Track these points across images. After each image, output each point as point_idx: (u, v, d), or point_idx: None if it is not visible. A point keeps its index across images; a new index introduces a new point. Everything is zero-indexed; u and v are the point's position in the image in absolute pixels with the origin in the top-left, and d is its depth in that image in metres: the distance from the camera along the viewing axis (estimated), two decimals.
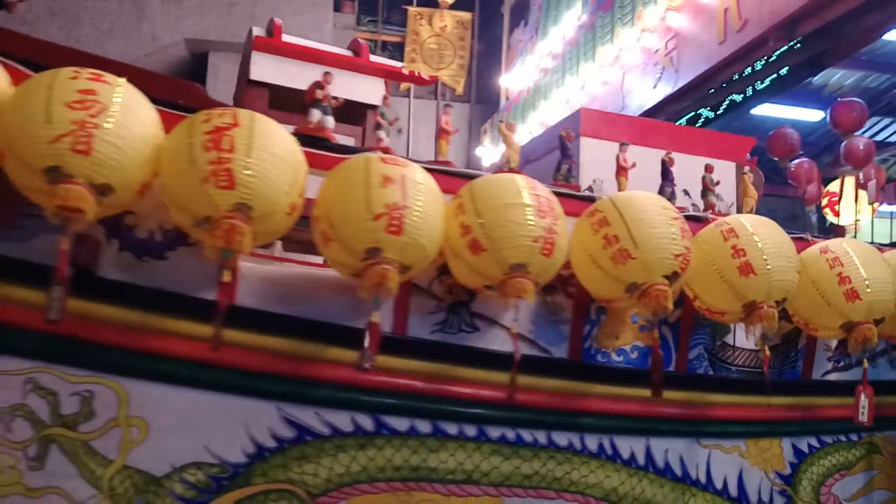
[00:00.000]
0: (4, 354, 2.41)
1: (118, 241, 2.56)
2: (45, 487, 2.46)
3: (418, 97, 14.30)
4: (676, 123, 7.45)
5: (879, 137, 9.04)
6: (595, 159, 3.94)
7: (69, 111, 2.13)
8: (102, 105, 2.18)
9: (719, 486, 3.45)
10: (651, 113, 7.38)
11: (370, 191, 2.39)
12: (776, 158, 6.48)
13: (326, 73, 3.08)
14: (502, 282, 2.60)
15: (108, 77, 2.29)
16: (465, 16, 13.48)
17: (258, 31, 3.69)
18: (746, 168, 4.12)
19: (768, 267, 2.92)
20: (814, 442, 3.73)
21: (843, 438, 3.82)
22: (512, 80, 12.28)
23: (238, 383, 2.64)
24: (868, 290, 3.17)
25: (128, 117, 2.24)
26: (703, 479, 3.41)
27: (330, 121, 2.98)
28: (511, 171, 3.15)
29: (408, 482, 2.87)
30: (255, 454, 2.67)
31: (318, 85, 2.98)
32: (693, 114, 7.50)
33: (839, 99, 6.35)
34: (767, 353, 3.27)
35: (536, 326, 3.11)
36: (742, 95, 7.09)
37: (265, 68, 3.62)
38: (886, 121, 9.20)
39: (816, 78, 7.54)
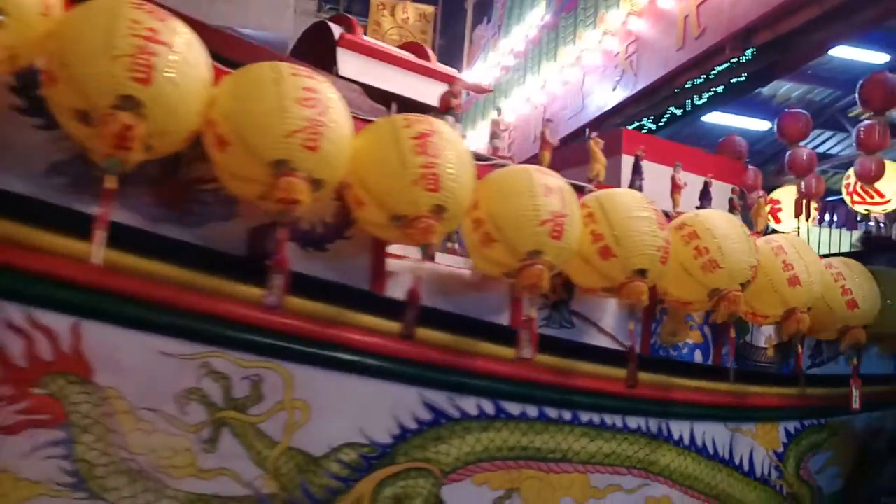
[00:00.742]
0: (181, 338, 2.43)
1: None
2: (217, 469, 2.51)
3: None
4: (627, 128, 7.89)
5: (821, 149, 9.78)
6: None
7: (300, 108, 2.24)
8: (325, 104, 2.31)
9: (737, 462, 3.97)
10: (609, 115, 7.74)
11: (536, 199, 2.67)
12: None
13: (455, 84, 3.27)
14: (622, 285, 2.95)
15: (319, 75, 2.41)
16: (428, 9, 13.50)
17: (337, 29, 3.76)
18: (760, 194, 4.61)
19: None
20: (798, 426, 4.32)
21: (815, 423, 4.43)
22: (473, 76, 12.46)
23: (387, 369, 2.80)
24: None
25: (342, 116, 2.39)
26: (726, 456, 3.91)
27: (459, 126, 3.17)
28: (599, 184, 3.54)
29: (518, 461, 3.16)
30: (398, 435, 2.85)
31: (451, 94, 3.17)
32: (637, 123, 7.88)
33: (786, 110, 6.93)
34: (801, 349, 3.84)
35: (616, 325, 3.47)
36: (682, 109, 7.57)
37: (350, 66, 3.67)
38: (828, 133, 9.92)
39: (765, 89, 8.07)
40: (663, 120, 7.89)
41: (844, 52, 7.28)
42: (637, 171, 3.91)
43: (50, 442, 2.30)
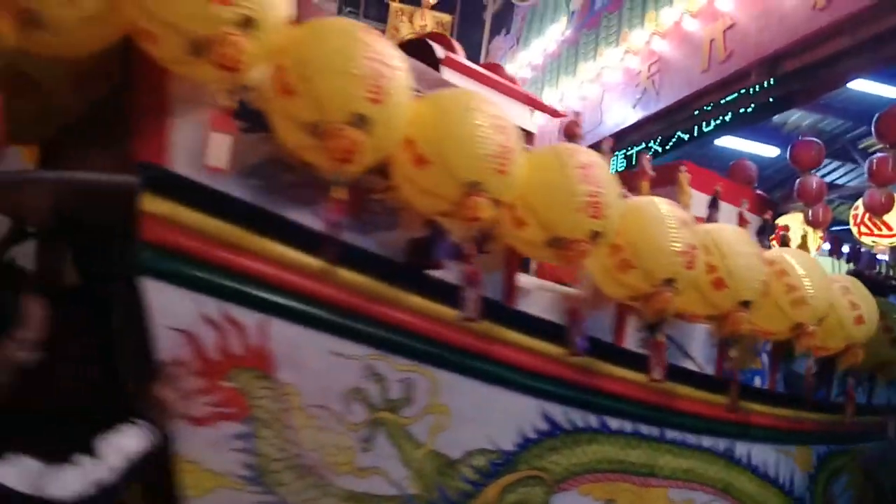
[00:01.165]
0: (350, 340, 2.52)
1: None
2: (371, 468, 2.62)
3: None
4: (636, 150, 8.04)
5: (828, 179, 10.10)
6: None
7: (495, 134, 2.39)
8: (510, 131, 2.47)
9: (781, 482, 4.26)
10: (628, 132, 7.91)
11: (672, 232, 2.90)
12: None
13: (578, 114, 3.40)
14: (727, 315, 3.20)
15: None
16: (446, 17, 13.55)
17: (439, 48, 3.85)
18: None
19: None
20: (825, 450, 4.63)
21: (839, 448, 4.75)
22: None
23: (515, 380, 2.96)
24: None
25: (518, 142, 2.53)
26: (773, 476, 4.20)
27: None
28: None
29: (616, 473, 3.37)
30: (521, 444, 3.01)
31: (575, 124, 3.30)
32: (643, 145, 8.03)
33: (800, 137, 7.16)
34: (811, 378, 4.00)
35: (701, 350, 3.74)
36: (689, 134, 7.75)
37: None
38: (836, 164, 10.23)
39: (776, 117, 8.29)
40: (670, 143, 8.10)
41: (857, 85, 7.57)
42: (714, 205, 4.06)
43: (234, 435, 2.35)
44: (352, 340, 2.53)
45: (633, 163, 8.05)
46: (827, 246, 8.52)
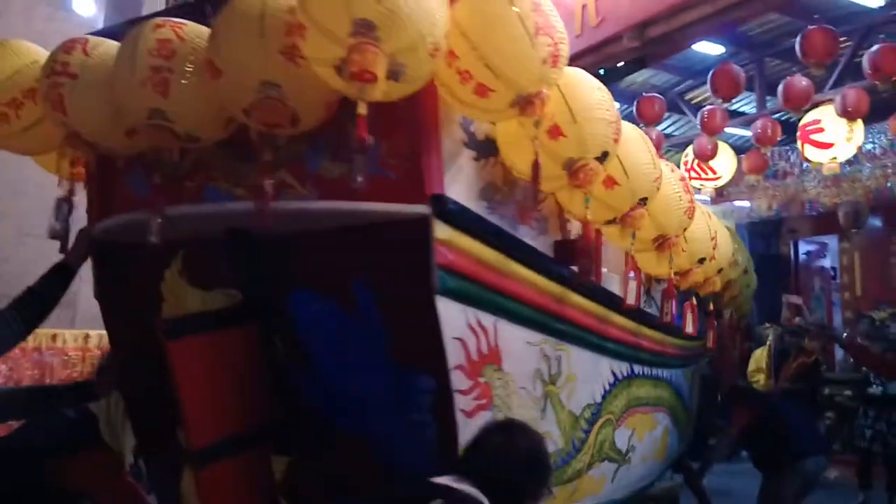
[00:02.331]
0: (533, 329, 3.05)
1: None
2: (545, 432, 3.05)
3: None
4: None
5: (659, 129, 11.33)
6: None
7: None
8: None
9: (683, 395, 5.39)
10: None
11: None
12: None
13: None
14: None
15: None
16: None
17: None
18: None
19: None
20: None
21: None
22: None
23: (602, 346, 3.69)
24: None
25: None
26: (682, 392, 5.29)
27: None
28: None
29: (635, 407, 4.24)
30: (603, 395, 3.77)
31: None
32: None
33: (643, 94, 8.16)
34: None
35: None
36: None
37: None
38: (666, 115, 11.53)
39: None
40: None
41: None
42: None
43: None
44: (535, 330, 3.03)
45: None
46: None
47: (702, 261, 3.77)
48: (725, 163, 9.33)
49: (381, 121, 1.96)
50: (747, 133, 9.81)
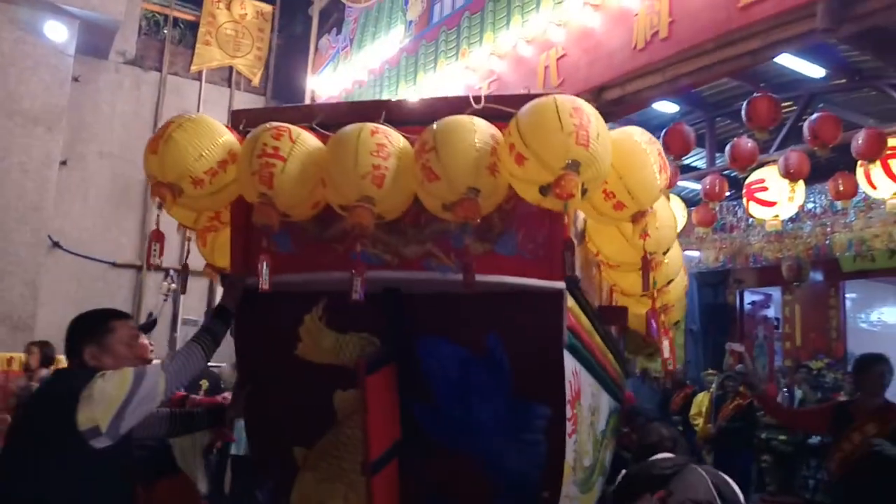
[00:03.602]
0: (589, 372, 3.64)
1: None
2: (586, 451, 3.65)
3: (210, 82, 13.23)
4: None
5: None
6: None
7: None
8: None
9: None
10: None
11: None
12: None
13: None
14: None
15: None
16: (266, 7, 12.96)
17: None
18: None
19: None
20: None
21: None
22: (321, 83, 12.19)
23: (610, 387, 4.34)
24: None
25: None
26: None
27: None
28: None
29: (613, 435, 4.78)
30: (605, 424, 4.32)
31: None
32: None
33: None
34: None
35: None
36: None
37: None
38: None
39: None
40: None
41: None
42: None
43: (573, 443, 3.21)
44: (591, 375, 3.55)
45: None
46: None
47: (669, 282, 3.88)
48: (676, 215, 9.70)
49: (522, 213, 2.73)
50: (698, 187, 10.23)
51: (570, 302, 2.92)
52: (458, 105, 2.77)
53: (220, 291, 12.05)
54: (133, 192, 13.26)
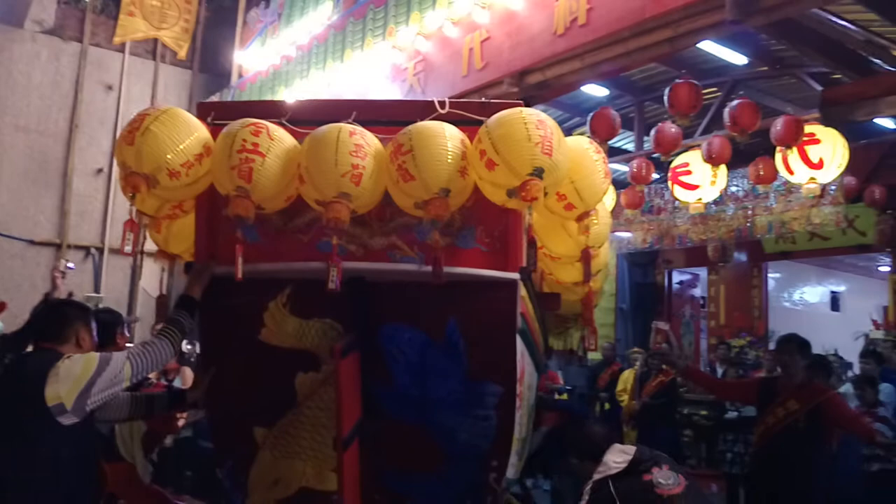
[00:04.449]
0: (529, 354, 3.75)
1: None
2: (523, 424, 3.76)
3: (134, 54, 12.71)
4: None
5: None
6: None
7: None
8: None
9: None
10: None
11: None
12: None
13: None
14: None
15: None
16: None
17: None
18: None
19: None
20: None
21: None
22: (248, 58, 11.83)
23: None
24: None
25: None
26: None
27: None
28: None
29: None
30: (533, 398, 4.51)
31: None
32: None
33: None
34: None
35: None
36: None
37: None
38: None
39: None
40: None
41: None
42: None
43: (519, 416, 3.51)
44: (530, 354, 3.73)
45: None
46: None
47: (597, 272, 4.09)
48: (606, 197, 9.85)
49: (481, 210, 2.97)
50: (626, 169, 10.39)
51: (522, 291, 3.15)
52: (424, 109, 3.01)
53: (146, 274, 11.76)
54: (51, 168, 12.82)
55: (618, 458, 3.27)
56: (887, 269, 13.21)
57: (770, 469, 5.27)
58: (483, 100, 3.12)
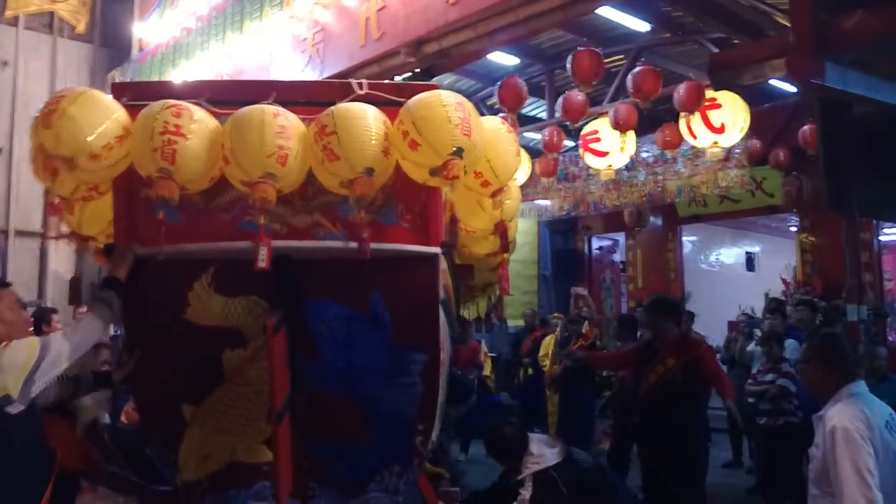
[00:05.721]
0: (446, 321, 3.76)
1: None
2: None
3: (30, 28, 12.03)
4: None
5: None
6: None
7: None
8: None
9: None
10: None
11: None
12: None
13: None
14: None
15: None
16: None
17: None
18: None
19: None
20: None
21: None
22: (148, 30, 11.34)
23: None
24: None
25: None
26: None
27: None
28: None
29: None
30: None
31: None
32: None
33: None
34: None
35: None
36: None
37: None
38: None
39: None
40: None
41: None
42: None
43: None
44: (448, 324, 3.76)
45: None
46: None
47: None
48: (518, 173, 9.93)
49: (401, 188, 3.06)
50: (539, 137, 10.46)
51: (443, 264, 3.30)
52: (342, 90, 3.10)
53: (56, 257, 11.35)
54: None
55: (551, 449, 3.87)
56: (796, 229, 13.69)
57: (655, 421, 5.70)
58: (400, 78, 3.21)
